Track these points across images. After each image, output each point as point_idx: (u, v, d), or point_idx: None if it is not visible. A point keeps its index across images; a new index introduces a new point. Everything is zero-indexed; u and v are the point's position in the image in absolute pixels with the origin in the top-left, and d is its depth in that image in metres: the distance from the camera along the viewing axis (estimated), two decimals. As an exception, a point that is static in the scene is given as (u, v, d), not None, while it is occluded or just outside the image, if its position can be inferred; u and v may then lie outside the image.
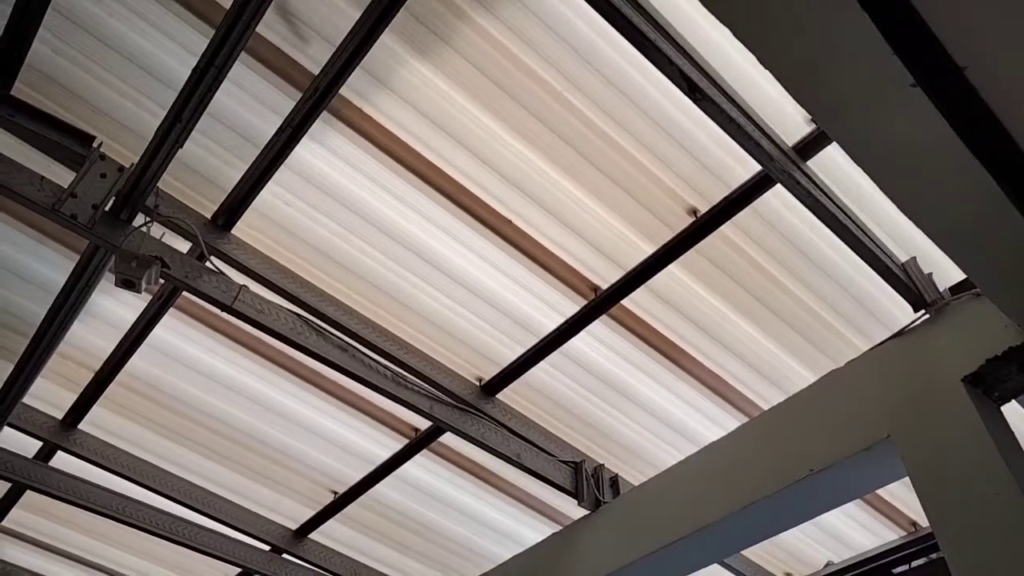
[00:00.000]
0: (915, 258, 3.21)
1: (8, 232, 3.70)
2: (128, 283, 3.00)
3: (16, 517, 5.34)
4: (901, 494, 4.42)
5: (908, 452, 2.85)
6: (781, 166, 2.71)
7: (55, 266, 3.78)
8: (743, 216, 3.29)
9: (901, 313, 3.53)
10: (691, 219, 3.35)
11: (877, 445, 2.93)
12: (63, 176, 3.04)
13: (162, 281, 3.12)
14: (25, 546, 5.62)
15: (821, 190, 2.86)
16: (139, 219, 3.20)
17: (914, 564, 4.63)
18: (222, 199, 3.41)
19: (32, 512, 5.34)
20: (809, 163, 2.97)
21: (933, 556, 4.74)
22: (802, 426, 3.27)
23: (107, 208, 3.08)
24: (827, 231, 3.28)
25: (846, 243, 2.99)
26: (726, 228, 3.35)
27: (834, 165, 3.06)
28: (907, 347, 3.08)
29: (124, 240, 3.03)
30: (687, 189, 3.30)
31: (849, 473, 3.06)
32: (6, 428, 4.34)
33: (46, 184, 2.97)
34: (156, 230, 3.22)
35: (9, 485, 4.98)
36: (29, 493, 5.02)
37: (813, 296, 3.59)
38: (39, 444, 4.65)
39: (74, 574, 5.83)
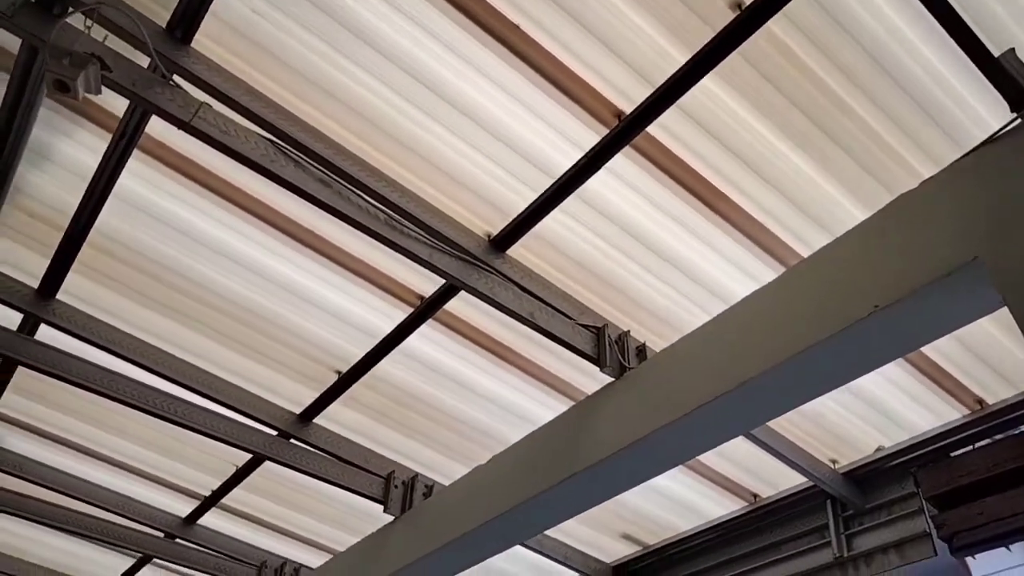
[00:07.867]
0: (1013, 49, 2.61)
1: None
2: (62, 85, 2.53)
3: (9, 402, 5.09)
4: (966, 364, 3.90)
5: (1000, 274, 2.33)
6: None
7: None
8: (798, 5, 2.70)
9: (980, 130, 2.96)
10: (734, 13, 2.77)
11: (960, 269, 2.41)
12: (-18, -36, 2.57)
13: (104, 89, 2.64)
14: (21, 432, 5.38)
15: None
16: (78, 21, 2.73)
17: (977, 445, 4.14)
18: (175, 4, 2.90)
19: (25, 396, 5.07)
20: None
21: (998, 437, 4.27)
22: (864, 260, 2.74)
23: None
24: (903, 30, 2.71)
25: (941, 23, 2.39)
26: (775, 24, 2.77)
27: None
28: (999, 155, 2.51)
29: (54, 34, 2.55)
30: (730, -28, 2.72)
31: (924, 308, 2.55)
32: (-22, 298, 4.01)
33: (-44, -35, 2.50)
34: (98, 33, 2.73)
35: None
36: (21, 374, 4.75)
37: (876, 110, 3.01)
38: (20, 317, 4.33)
39: (71, 462, 5.60)
